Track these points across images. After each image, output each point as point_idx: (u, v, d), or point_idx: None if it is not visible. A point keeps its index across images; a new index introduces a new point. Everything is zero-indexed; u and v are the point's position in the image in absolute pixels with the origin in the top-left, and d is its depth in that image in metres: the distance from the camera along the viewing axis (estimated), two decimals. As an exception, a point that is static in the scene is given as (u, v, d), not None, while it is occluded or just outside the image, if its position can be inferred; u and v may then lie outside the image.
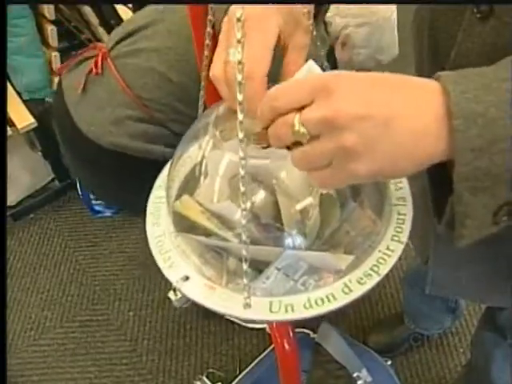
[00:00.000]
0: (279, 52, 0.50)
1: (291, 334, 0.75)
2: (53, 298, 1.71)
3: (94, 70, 1.05)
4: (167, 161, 0.61)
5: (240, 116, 0.41)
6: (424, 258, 0.78)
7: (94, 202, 2.05)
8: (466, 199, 0.39)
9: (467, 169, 0.37)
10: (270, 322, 0.51)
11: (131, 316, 1.64)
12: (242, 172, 0.42)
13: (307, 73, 0.44)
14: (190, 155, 0.59)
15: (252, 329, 1.56)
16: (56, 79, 1.64)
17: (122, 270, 1.77)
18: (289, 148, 0.41)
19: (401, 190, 0.56)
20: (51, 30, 1.61)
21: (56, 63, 1.66)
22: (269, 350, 1.42)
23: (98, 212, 2.08)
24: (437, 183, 0.50)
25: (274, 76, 0.48)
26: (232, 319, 1.57)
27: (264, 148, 0.45)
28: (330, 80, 0.38)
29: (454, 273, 0.75)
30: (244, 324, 1.56)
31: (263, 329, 1.53)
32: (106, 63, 1.05)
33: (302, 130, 0.38)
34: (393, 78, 0.39)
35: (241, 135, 0.42)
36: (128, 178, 1.09)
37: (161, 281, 1.66)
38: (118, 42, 1.08)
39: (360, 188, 0.54)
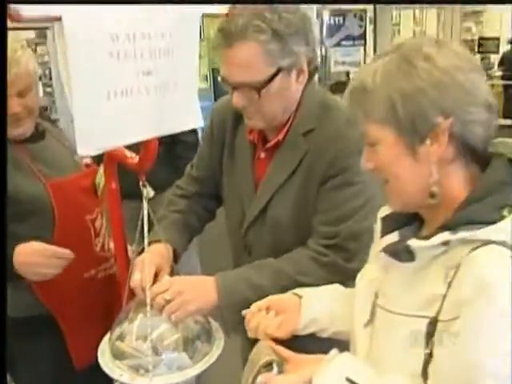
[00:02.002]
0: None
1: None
2: None
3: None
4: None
5: (148, 296, 1.10)
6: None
7: None
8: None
9: (225, 304, 1.09)
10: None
11: None
12: (149, 330, 1.08)
13: (168, 279, 1.16)
14: (118, 330, 1.21)
15: None
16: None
17: None
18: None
19: (217, 328, 1.22)
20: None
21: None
22: None
23: None
24: None
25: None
26: None
27: None
28: (175, 279, 1.13)
29: None
30: None
31: None
32: None
33: (168, 298, 1.08)
34: (196, 277, 1.14)
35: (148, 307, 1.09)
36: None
37: None
38: None
39: (199, 335, 1.20)
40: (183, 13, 1.03)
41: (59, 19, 0.89)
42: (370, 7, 6.94)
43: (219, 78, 1.13)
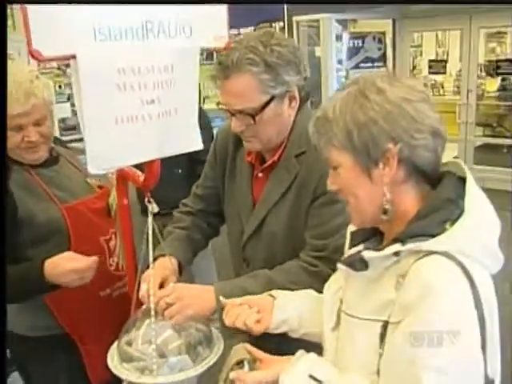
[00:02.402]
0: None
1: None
2: None
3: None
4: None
5: (152, 302, 1.20)
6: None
7: None
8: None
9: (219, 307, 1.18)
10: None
11: None
12: (154, 334, 1.18)
13: (172, 285, 1.26)
14: (126, 337, 1.32)
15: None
16: None
17: None
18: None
19: (218, 336, 1.32)
20: None
21: None
22: None
23: None
24: None
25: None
26: None
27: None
28: (177, 286, 1.24)
29: None
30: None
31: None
32: None
33: (169, 302, 1.18)
34: (196, 285, 1.24)
35: (152, 313, 1.20)
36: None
37: None
38: None
39: (200, 341, 1.30)
40: (184, 48, 1.16)
41: (74, 57, 1.02)
42: (389, 29, 7.04)
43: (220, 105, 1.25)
